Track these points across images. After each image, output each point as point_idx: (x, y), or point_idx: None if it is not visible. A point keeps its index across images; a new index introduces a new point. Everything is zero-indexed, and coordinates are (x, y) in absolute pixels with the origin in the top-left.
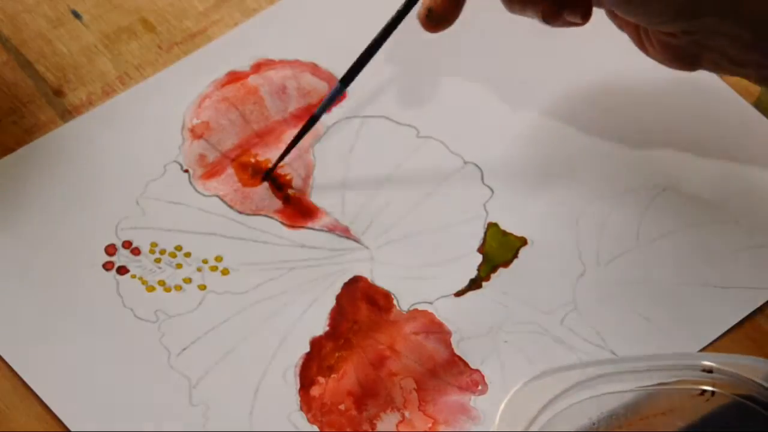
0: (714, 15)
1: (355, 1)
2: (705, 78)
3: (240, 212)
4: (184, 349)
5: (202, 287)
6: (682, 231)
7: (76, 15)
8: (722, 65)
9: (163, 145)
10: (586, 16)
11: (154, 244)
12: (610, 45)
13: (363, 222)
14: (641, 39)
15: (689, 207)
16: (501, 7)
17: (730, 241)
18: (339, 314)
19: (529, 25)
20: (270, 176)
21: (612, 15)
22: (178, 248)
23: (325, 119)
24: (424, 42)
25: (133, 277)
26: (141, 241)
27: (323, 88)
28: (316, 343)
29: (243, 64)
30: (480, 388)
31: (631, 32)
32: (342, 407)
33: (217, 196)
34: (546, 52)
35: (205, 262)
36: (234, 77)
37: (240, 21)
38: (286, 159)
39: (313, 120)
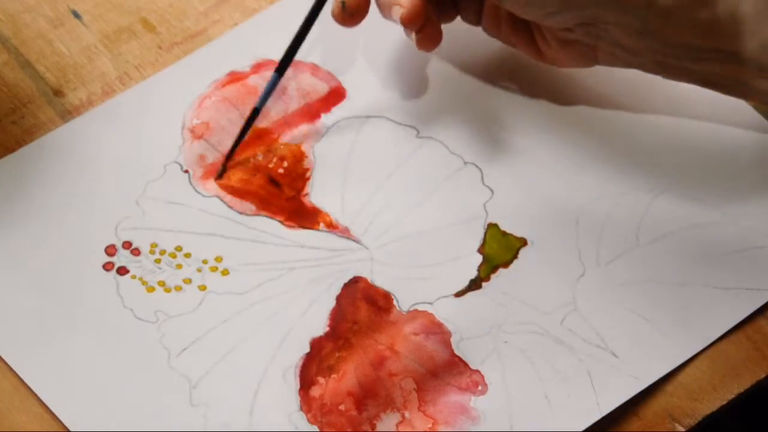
0: (598, 6)
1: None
2: None
3: (240, 213)
4: (184, 349)
5: (202, 288)
6: (682, 231)
7: (76, 15)
8: (618, 55)
9: (163, 145)
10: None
11: (154, 245)
12: None
13: (363, 222)
14: (537, 47)
15: (689, 207)
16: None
17: (730, 241)
18: (339, 314)
19: None
20: (222, 174)
21: (497, 31)
22: (178, 249)
23: (325, 119)
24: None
25: (133, 277)
26: (141, 242)
27: (323, 88)
28: (316, 344)
29: (243, 64)
30: (480, 388)
31: (524, 43)
32: (342, 407)
33: (217, 196)
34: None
35: (205, 262)
36: (234, 77)
37: (240, 21)
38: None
39: (255, 112)
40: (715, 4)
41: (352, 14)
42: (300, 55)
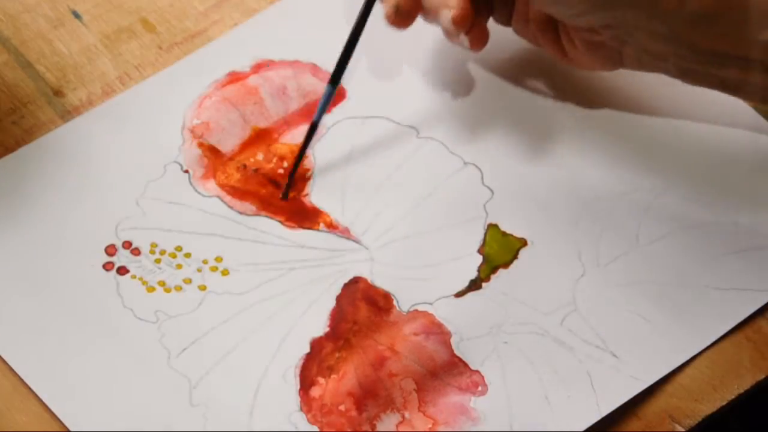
0: (629, 7)
1: (355, 1)
2: None
3: (240, 213)
4: (184, 349)
5: (202, 288)
6: (682, 232)
7: (76, 15)
8: (644, 60)
9: (163, 145)
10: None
11: (154, 245)
12: None
13: (363, 222)
14: (562, 47)
15: (689, 207)
16: None
17: (730, 241)
18: (339, 315)
19: None
20: (287, 194)
21: (526, 31)
22: (178, 249)
23: (326, 119)
24: (425, 42)
25: (133, 277)
26: (141, 242)
27: (323, 89)
28: (316, 344)
29: (243, 64)
30: (480, 388)
31: (550, 43)
32: (342, 408)
33: (217, 196)
34: (547, 54)
35: (205, 262)
36: (234, 77)
37: (240, 21)
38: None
39: (313, 127)
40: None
41: (405, 17)
42: (300, 55)
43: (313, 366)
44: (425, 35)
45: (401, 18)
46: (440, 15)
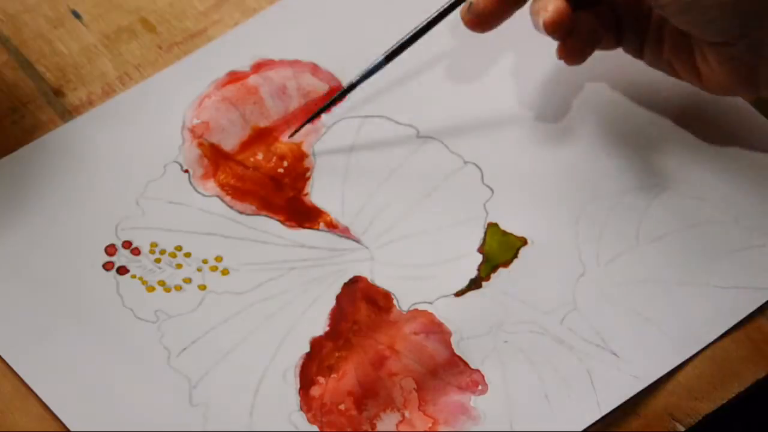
0: (759, 15)
1: (355, 1)
2: None
3: (240, 212)
4: (184, 349)
5: (202, 287)
6: (682, 231)
7: (76, 15)
8: None
9: (163, 145)
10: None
11: (154, 244)
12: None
13: (363, 222)
14: (697, 69)
15: (689, 207)
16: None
17: (730, 241)
18: (339, 314)
19: (529, 26)
20: (295, 134)
21: (659, 57)
22: (178, 248)
23: (325, 119)
24: (425, 42)
25: (133, 277)
26: (141, 241)
27: (323, 88)
28: (316, 343)
29: (243, 64)
30: (480, 387)
31: (685, 66)
32: (342, 407)
33: (217, 196)
34: (546, 53)
35: (205, 262)
36: (234, 77)
37: (240, 21)
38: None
39: (350, 87)
40: None
41: (477, 17)
42: (300, 55)
43: (313, 365)
44: (425, 35)
45: (473, 17)
46: (538, 18)
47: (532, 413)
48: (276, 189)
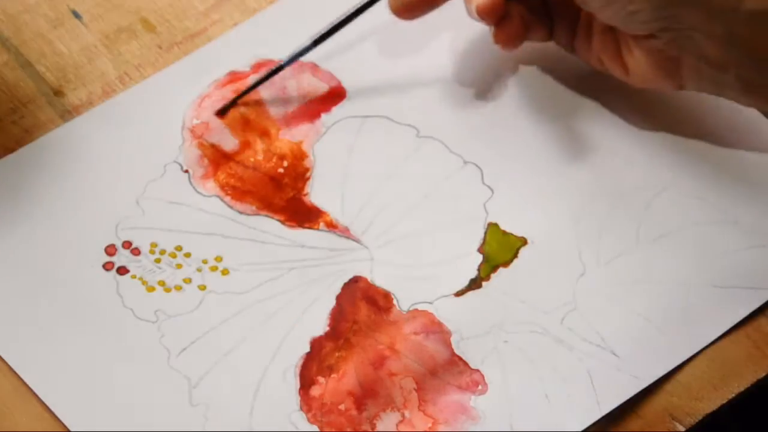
0: (685, 5)
1: (355, 1)
2: None
3: (240, 212)
4: (184, 349)
5: (202, 287)
6: (682, 231)
7: (76, 15)
8: (703, 71)
9: (163, 145)
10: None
11: (154, 245)
12: None
13: (363, 222)
14: (623, 62)
15: (689, 207)
16: None
17: (730, 241)
18: (339, 314)
19: None
20: (225, 112)
21: (588, 50)
22: (178, 248)
23: (325, 119)
24: (425, 42)
25: (133, 277)
26: (141, 241)
27: (323, 88)
28: (316, 343)
29: (243, 64)
30: (480, 387)
31: (612, 59)
32: (342, 407)
33: (217, 196)
34: (547, 53)
35: (205, 262)
36: (234, 77)
37: (240, 21)
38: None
39: (278, 69)
40: None
41: (403, 3)
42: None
43: (313, 365)
44: (425, 34)
45: (401, 5)
46: (470, 3)
47: (532, 413)
48: (276, 189)
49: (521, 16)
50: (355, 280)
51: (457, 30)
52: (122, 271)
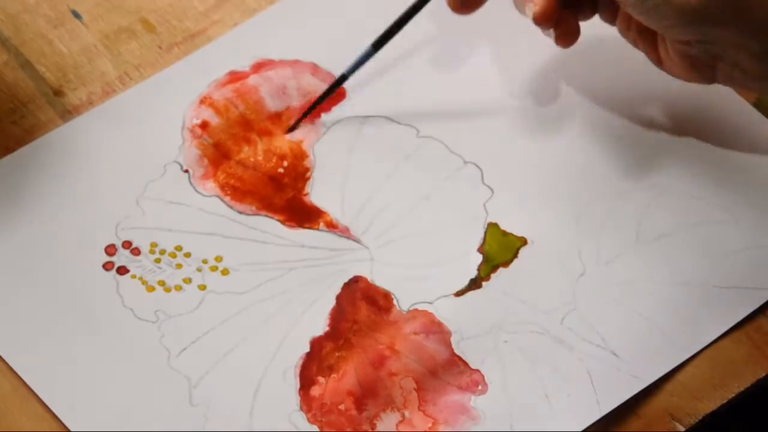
0: (720, 23)
1: (355, 1)
2: None
3: (240, 212)
4: (184, 349)
5: (202, 287)
6: (682, 231)
7: (76, 15)
8: (737, 78)
9: (163, 145)
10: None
11: (154, 244)
12: (611, 46)
13: (363, 222)
14: (659, 54)
15: (689, 207)
16: (503, 7)
17: (730, 241)
18: (339, 314)
19: (530, 26)
20: (294, 129)
21: (627, 33)
22: (178, 248)
23: (325, 119)
24: (424, 42)
25: (133, 277)
26: (141, 241)
27: (323, 89)
28: (316, 343)
29: (243, 64)
30: (480, 387)
31: (648, 49)
32: (342, 407)
33: (217, 196)
34: (547, 53)
35: (205, 262)
36: (234, 77)
37: (240, 21)
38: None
39: (342, 79)
40: None
41: (464, 2)
42: (300, 55)
43: (313, 365)
44: (425, 34)
45: (460, 3)
46: (526, 9)
47: (532, 413)
48: (276, 189)
49: (574, 16)
50: (355, 280)
51: (457, 31)
52: (122, 271)
